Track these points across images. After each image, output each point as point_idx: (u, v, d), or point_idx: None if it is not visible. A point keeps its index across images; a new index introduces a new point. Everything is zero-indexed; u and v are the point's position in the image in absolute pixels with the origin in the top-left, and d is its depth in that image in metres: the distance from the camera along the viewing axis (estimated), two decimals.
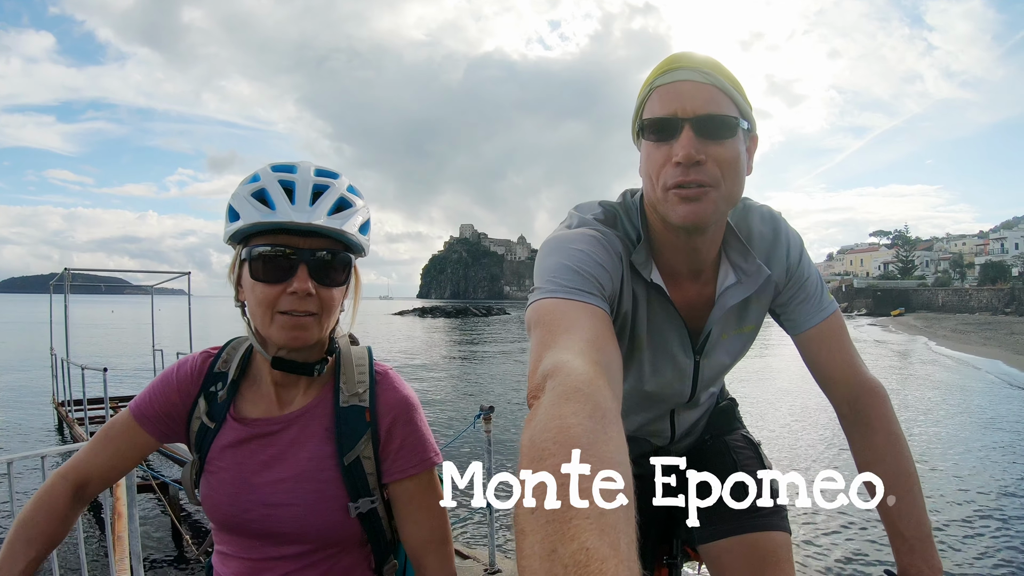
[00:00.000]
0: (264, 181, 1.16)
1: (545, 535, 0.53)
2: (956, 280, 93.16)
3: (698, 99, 1.10)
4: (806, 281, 1.38)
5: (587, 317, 1.00)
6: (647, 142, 1.16)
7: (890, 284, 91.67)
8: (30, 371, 23.88)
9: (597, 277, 1.10)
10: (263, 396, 1.28)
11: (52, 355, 13.55)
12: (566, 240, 1.18)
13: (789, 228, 1.39)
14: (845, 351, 1.38)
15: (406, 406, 1.28)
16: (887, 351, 30.80)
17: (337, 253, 1.18)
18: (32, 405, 17.45)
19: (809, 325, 1.38)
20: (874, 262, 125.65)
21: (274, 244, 1.14)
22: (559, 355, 0.85)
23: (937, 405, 15.80)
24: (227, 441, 1.25)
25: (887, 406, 1.36)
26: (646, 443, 1.60)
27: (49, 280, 14.29)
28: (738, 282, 1.31)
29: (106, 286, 23.24)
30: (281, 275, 1.14)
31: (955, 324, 46.54)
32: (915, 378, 21.03)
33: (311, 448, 1.23)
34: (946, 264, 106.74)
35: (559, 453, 0.61)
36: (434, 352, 36.32)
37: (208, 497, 1.25)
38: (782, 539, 1.47)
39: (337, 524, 1.22)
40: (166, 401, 1.28)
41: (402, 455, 1.25)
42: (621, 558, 0.51)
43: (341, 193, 1.19)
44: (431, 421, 10.03)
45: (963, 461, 10.67)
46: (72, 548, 3.40)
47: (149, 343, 14.25)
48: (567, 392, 0.74)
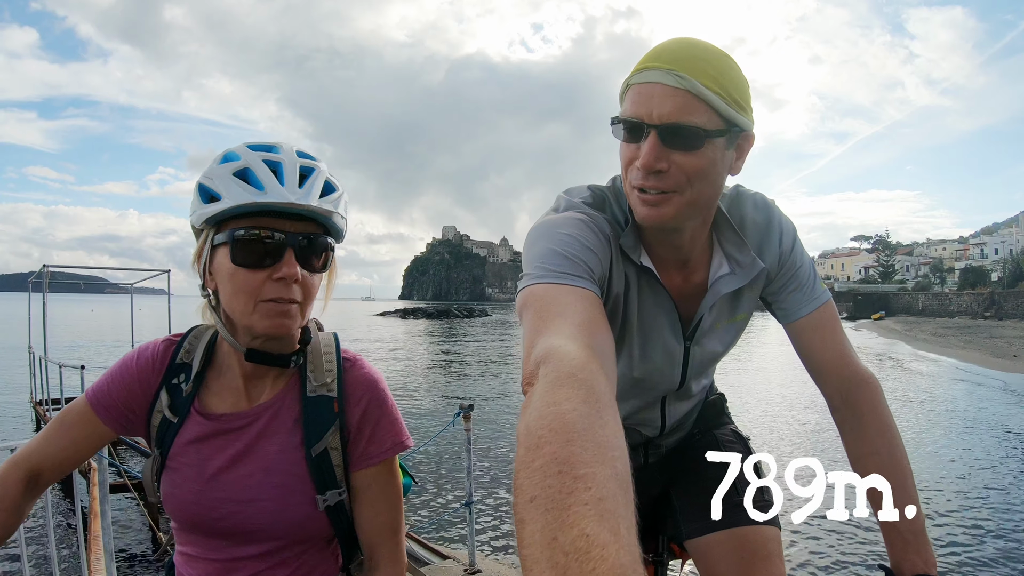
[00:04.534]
0: (246, 160, 1.09)
1: (545, 523, 0.53)
2: (936, 285, 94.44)
3: (666, 106, 1.06)
4: (798, 269, 1.37)
5: (578, 301, 0.99)
6: (621, 138, 1.15)
7: (871, 288, 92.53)
8: (8, 369, 23.53)
9: (586, 260, 1.09)
10: (230, 389, 1.21)
11: (30, 353, 13.41)
12: (554, 225, 1.16)
13: (782, 215, 1.38)
14: (837, 341, 1.36)
15: (375, 394, 1.24)
16: (866, 355, 31.13)
17: (320, 237, 1.13)
18: (9, 404, 17.19)
19: (801, 314, 1.37)
20: (855, 266, 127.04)
21: (260, 227, 1.08)
22: (551, 340, 0.84)
23: (916, 407, 15.97)
24: (191, 436, 1.18)
25: (879, 397, 1.33)
26: (636, 433, 1.59)
27: (28, 278, 14.15)
28: (731, 272, 1.30)
29: (86, 284, 22.94)
30: (267, 261, 1.08)
31: (935, 328, 47.09)
32: (894, 380, 21.24)
33: (279, 440, 1.18)
34: (926, 269, 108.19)
35: (555, 440, 0.61)
36: (415, 353, 36.37)
37: (171, 495, 1.18)
38: (772, 533, 1.46)
39: (306, 518, 1.17)
40: (126, 391, 1.20)
41: (373, 443, 1.22)
42: (622, 543, 0.51)
43: (326, 176, 1.14)
44: (410, 421, 10.00)
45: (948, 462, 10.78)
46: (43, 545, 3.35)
47: (128, 341, 14.11)
48: (561, 378, 0.73)
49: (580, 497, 0.54)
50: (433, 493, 9.48)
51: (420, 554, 5.04)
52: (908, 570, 1.22)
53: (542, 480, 0.57)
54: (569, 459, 0.58)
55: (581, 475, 0.56)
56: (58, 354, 13.45)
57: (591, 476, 0.56)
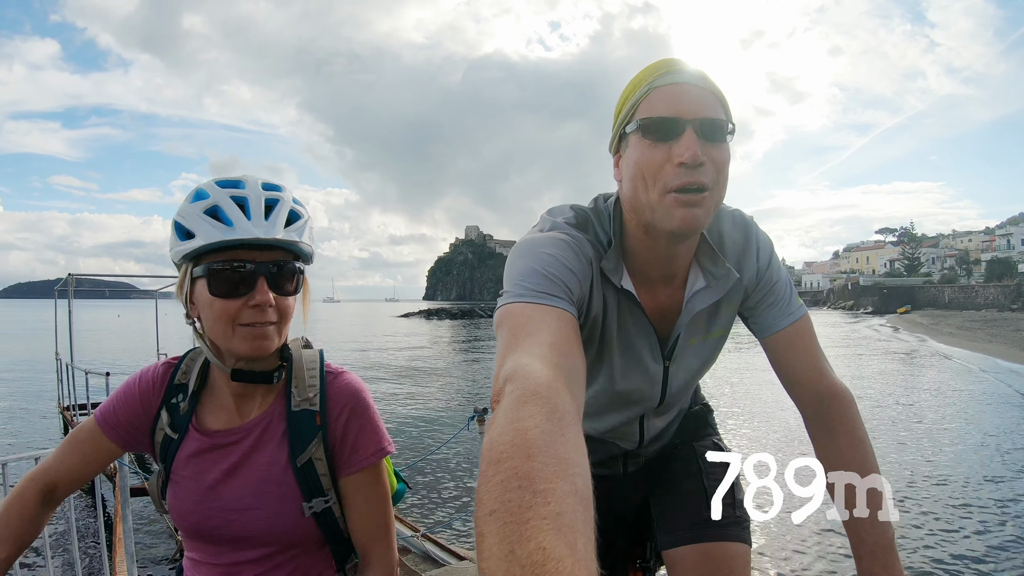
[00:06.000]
0: (215, 197, 1.18)
1: (503, 536, 0.54)
2: (962, 277, 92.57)
3: (701, 102, 1.12)
4: (775, 284, 1.38)
5: (552, 321, 1.01)
6: (644, 142, 1.14)
7: (896, 282, 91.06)
8: (37, 376, 23.97)
9: (565, 281, 1.11)
10: (223, 407, 1.31)
11: (57, 360, 13.62)
12: (536, 244, 1.19)
13: (759, 231, 1.40)
14: (812, 355, 1.37)
15: (356, 405, 1.31)
16: (892, 348, 30.69)
17: (289, 263, 1.22)
18: (39, 410, 17.56)
19: (777, 328, 1.37)
20: (880, 260, 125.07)
21: (233, 260, 1.17)
22: (520, 359, 0.86)
23: (936, 405, 15.77)
24: (190, 451, 1.28)
25: (853, 410, 1.33)
26: (614, 446, 1.60)
27: (54, 285, 14.35)
28: (707, 286, 1.31)
29: (111, 291, 23.27)
30: (241, 289, 1.17)
31: (961, 321, 46.21)
32: (918, 377, 20.95)
33: (269, 453, 1.27)
34: (952, 261, 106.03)
35: (516, 456, 0.62)
36: (437, 353, 36.42)
37: (175, 506, 1.29)
38: (739, 550, 1.48)
39: (295, 525, 1.26)
40: (129, 411, 1.32)
41: (356, 450, 1.30)
42: (578, 557, 0.52)
43: (291, 206, 1.23)
44: (425, 423, 10.11)
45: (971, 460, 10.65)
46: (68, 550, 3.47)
47: (153, 347, 14.31)
48: (525, 395, 0.75)
49: (539, 511, 0.55)
50: (449, 495, 9.53)
51: (437, 555, 5.09)
52: None
53: (502, 494, 0.58)
54: (529, 474, 0.59)
55: (540, 490, 0.57)
56: (85, 360, 13.65)
57: (550, 491, 0.57)
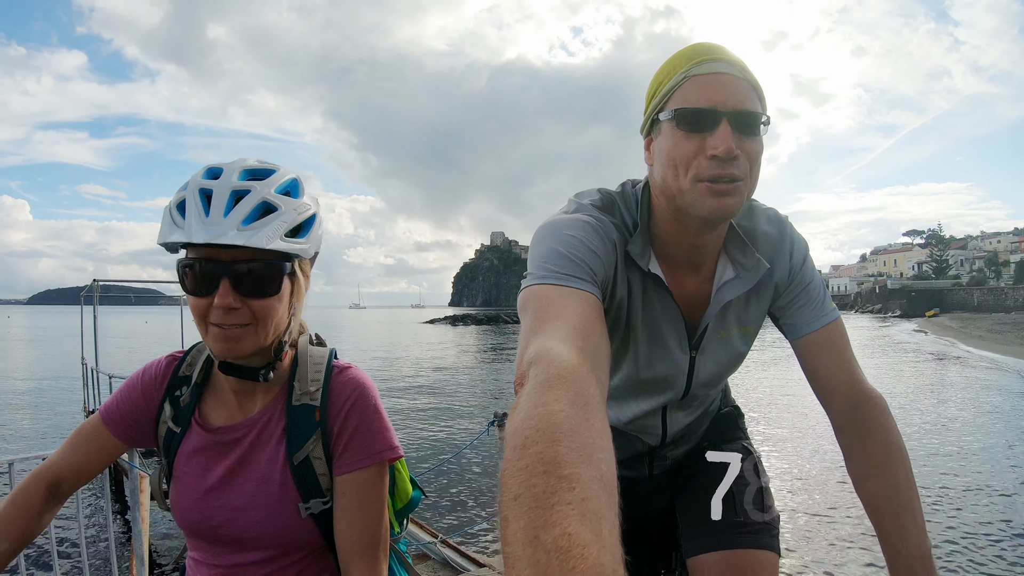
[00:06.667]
0: (188, 189, 1.09)
1: (528, 522, 0.53)
2: (991, 279, 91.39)
3: (738, 93, 1.10)
4: (808, 284, 1.36)
5: (576, 303, 1.00)
6: (678, 132, 1.12)
7: (924, 284, 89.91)
8: (64, 381, 24.34)
9: (589, 263, 1.09)
10: (225, 402, 1.26)
11: (83, 364, 13.80)
12: (560, 226, 1.17)
13: (795, 231, 1.37)
14: (846, 360, 1.33)
15: (359, 399, 1.24)
16: (920, 354, 30.27)
17: (260, 264, 1.10)
18: (65, 413, 17.86)
19: (810, 330, 1.34)
20: (908, 262, 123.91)
21: (197, 257, 1.09)
22: (544, 342, 0.85)
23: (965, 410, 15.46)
24: (193, 446, 1.24)
25: (887, 416, 1.30)
26: (639, 441, 1.56)
27: (82, 291, 14.56)
28: (736, 277, 1.29)
29: (136, 297, 23.60)
30: (206, 288, 1.09)
31: (991, 324, 45.51)
32: (954, 381, 20.62)
33: (269, 451, 1.22)
34: (981, 263, 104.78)
35: (541, 440, 0.61)
36: (461, 358, 36.62)
37: (176, 503, 1.24)
38: (767, 559, 1.42)
39: (293, 527, 1.20)
40: (132, 406, 1.28)
41: (350, 448, 1.22)
42: (603, 543, 0.51)
43: (263, 197, 1.10)
44: (447, 428, 10.16)
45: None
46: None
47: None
48: (550, 379, 0.74)
49: (564, 497, 0.54)
50: (469, 500, 9.52)
51: (456, 561, 5.05)
52: None
53: (527, 479, 0.57)
54: (555, 459, 0.58)
55: (566, 475, 0.57)
56: (112, 365, 13.82)
57: (576, 476, 0.57)
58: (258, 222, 1.07)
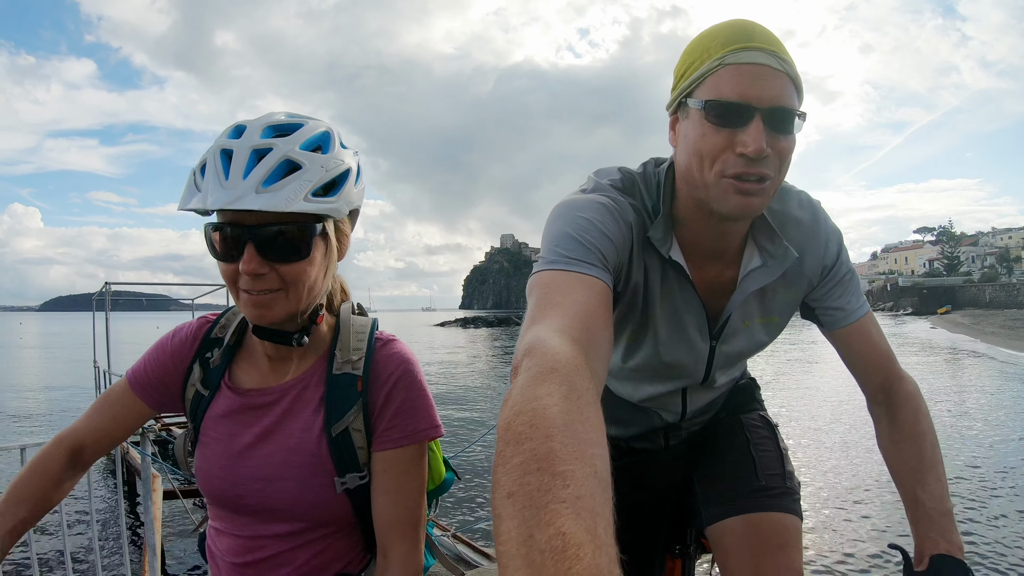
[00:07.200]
0: (211, 150, 1.03)
1: (522, 520, 0.53)
2: (1003, 275, 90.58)
3: (774, 88, 1.03)
4: (844, 277, 1.32)
5: (581, 291, 0.97)
6: (706, 122, 1.06)
7: (935, 282, 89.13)
8: (78, 383, 24.49)
9: (600, 247, 1.06)
10: (257, 367, 1.22)
11: (95, 368, 13.88)
12: (573, 207, 1.13)
13: (828, 218, 1.32)
14: (880, 346, 1.34)
15: (404, 375, 1.18)
16: (933, 353, 30.07)
17: (291, 227, 1.04)
18: (77, 414, 17.77)
19: (847, 323, 1.33)
20: (919, 260, 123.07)
21: (222, 222, 1.04)
22: (539, 332, 0.84)
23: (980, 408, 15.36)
24: (221, 410, 1.20)
25: (917, 394, 1.31)
26: (656, 417, 1.54)
27: (93, 297, 14.67)
28: (763, 265, 1.24)
29: (149, 302, 23.75)
30: (233, 254, 1.04)
31: (1003, 320, 45.09)
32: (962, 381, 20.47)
33: (304, 419, 1.17)
34: (992, 259, 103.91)
35: (535, 436, 0.60)
36: (472, 357, 36.81)
37: (201, 469, 1.20)
38: (790, 522, 1.41)
39: (326, 501, 1.15)
40: (161, 368, 1.25)
41: (393, 425, 1.16)
42: (598, 543, 0.50)
43: (285, 155, 1.02)
44: (460, 424, 10.15)
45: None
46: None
47: None
48: (543, 372, 0.72)
49: (558, 495, 0.54)
50: (480, 495, 9.55)
51: (468, 556, 5.06)
52: (929, 549, 1.15)
53: (521, 477, 0.57)
54: (548, 456, 0.58)
55: (560, 472, 0.56)
56: (124, 368, 13.90)
57: (570, 473, 0.56)
58: (280, 182, 1.00)
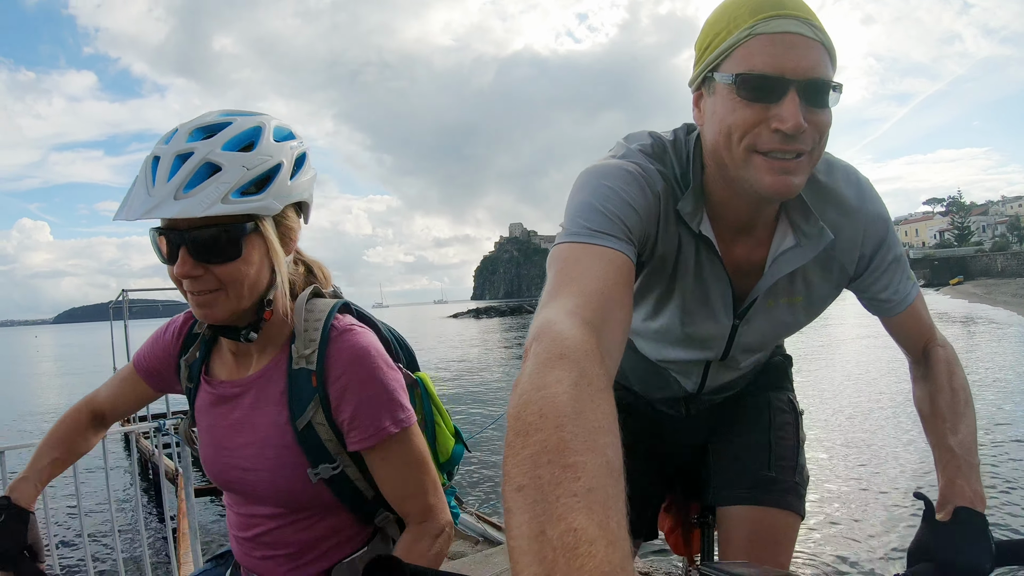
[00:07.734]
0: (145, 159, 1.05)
1: (533, 515, 0.52)
2: (1014, 244, 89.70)
3: (809, 58, 0.95)
4: (890, 265, 1.23)
5: (600, 266, 0.93)
6: (737, 97, 0.99)
7: (947, 252, 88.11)
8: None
9: (623, 218, 1.01)
10: (226, 360, 1.28)
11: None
12: (599, 174, 1.07)
13: (876, 200, 1.22)
14: (926, 322, 1.31)
15: (356, 371, 1.16)
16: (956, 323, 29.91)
17: (219, 227, 1.04)
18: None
19: (900, 310, 1.27)
20: (929, 231, 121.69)
21: (159, 227, 1.07)
22: (551, 313, 0.82)
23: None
24: (203, 401, 1.28)
25: (955, 357, 1.29)
26: (676, 383, 1.52)
27: (108, 306, 14.76)
28: (796, 245, 1.17)
29: (164, 307, 23.74)
30: (171, 257, 1.06)
31: (1015, 289, 44.71)
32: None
33: (269, 413, 1.19)
34: (1003, 228, 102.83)
35: (544, 427, 0.59)
36: (486, 350, 36.99)
37: (201, 453, 1.29)
38: (789, 520, 1.43)
39: (304, 489, 1.18)
40: (155, 358, 1.35)
41: (356, 426, 1.16)
42: (611, 538, 0.49)
43: (205, 157, 1.02)
44: (473, 413, 10.12)
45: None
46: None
47: None
48: (552, 358, 0.70)
49: (569, 488, 0.52)
50: (498, 474, 9.56)
51: (492, 535, 5.11)
52: (954, 496, 1.07)
53: (531, 469, 0.55)
54: (559, 446, 0.57)
55: (570, 464, 0.55)
56: None
57: (581, 465, 0.55)
58: (199, 186, 1.00)
